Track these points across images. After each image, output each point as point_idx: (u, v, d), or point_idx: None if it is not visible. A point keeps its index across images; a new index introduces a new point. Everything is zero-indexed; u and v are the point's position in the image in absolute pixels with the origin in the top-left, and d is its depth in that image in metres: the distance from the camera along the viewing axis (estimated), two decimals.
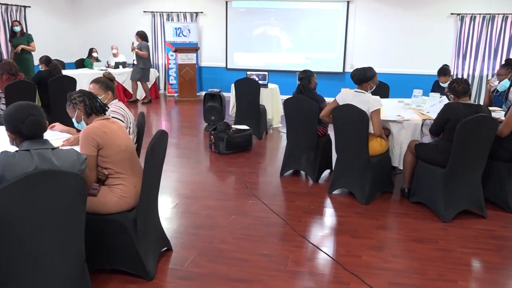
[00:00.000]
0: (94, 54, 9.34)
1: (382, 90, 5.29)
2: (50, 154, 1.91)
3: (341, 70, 9.61)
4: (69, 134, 3.17)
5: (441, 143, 3.51)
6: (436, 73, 5.58)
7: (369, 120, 3.61)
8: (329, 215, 3.62)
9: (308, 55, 9.73)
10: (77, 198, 1.92)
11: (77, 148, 2.32)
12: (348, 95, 3.81)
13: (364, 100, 3.67)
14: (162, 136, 2.53)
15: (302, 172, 4.58)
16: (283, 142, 5.83)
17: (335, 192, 4.04)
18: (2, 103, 5.00)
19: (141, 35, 8.80)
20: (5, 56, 8.25)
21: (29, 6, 9.26)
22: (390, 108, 4.46)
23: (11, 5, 8.82)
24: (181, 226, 3.35)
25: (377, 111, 3.65)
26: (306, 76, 4.35)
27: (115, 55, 9.38)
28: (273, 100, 6.66)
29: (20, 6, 9.05)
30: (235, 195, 4.03)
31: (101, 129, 2.42)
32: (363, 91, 3.77)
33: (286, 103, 4.35)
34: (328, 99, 4.15)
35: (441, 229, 3.32)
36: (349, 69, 9.52)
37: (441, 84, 5.47)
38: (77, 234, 1.98)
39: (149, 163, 2.41)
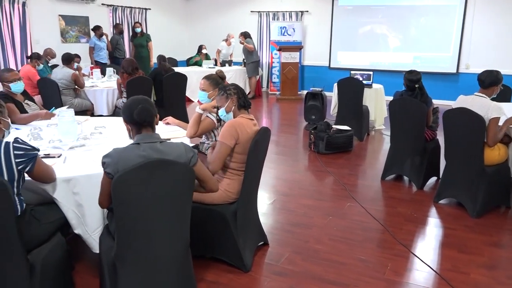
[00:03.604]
0: (204, 51, 9.86)
1: (503, 93, 4.76)
2: (158, 146, 2.03)
3: (454, 71, 8.91)
4: (180, 128, 3.39)
5: None
6: None
7: (485, 127, 3.29)
8: (434, 226, 3.38)
9: (418, 54, 9.19)
10: (185, 187, 2.05)
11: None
12: (466, 100, 3.52)
13: (484, 105, 3.34)
14: (265, 133, 2.59)
15: (405, 178, 4.35)
16: (386, 145, 5.59)
17: (442, 201, 3.76)
18: (124, 97, 5.54)
19: (245, 35, 9.29)
20: (127, 54, 9.13)
21: (150, 9, 10.14)
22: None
23: (135, 7, 9.74)
24: (277, 222, 3.40)
25: (496, 120, 3.30)
26: (420, 78, 4.05)
27: (228, 43, 9.73)
28: (377, 101, 6.41)
29: (142, 8, 9.95)
30: (332, 196, 3.97)
31: (246, 128, 2.55)
32: (484, 95, 3.45)
33: (391, 104, 4.15)
34: (439, 102, 3.87)
35: None
36: (463, 69, 8.79)
37: None
38: (184, 220, 2.12)
39: (252, 159, 2.49)
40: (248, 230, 2.72)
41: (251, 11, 10.72)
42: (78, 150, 2.79)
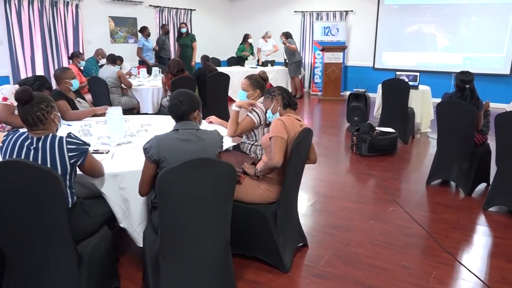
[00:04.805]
0: (250, 40, 9.87)
1: None
2: (195, 132, 2.20)
3: (507, 72, 8.48)
4: (223, 127, 3.42)
5: None
6: None
7: None
8: (482, 234, 3.23)
9: (468, 54, 8.81)
10: (227, 186, 2.08)
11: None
12: None
13: None
14: (307, 134, 2.58)
15: (452, 183, 4.18)
16: (432, 148, 5.41)
17: (492, 209, 3.59)
18: (168, 95, 5.68)
19: (286, 35, 9.27)
20: (172, 55, 9.35)
21: (195, 9, 10.33)
22: None
23: (180, 8, 9.96)
24: (317, 224, 3.36)
25: None
26: (472, 80, 3.88)
27: (265, 39, 9.74)
28: (423, 103, 6.21)
29: (187, 9, 10.16)
30: (375, 199, 3.89)
31: (293, 126, 2.56)
32: None
33: (439, 106, 4.00)
34: (491, 104, 3.70)
35: None
36: None
37: None
38: (225, 219, 2.15)
39: (294, 159, 2.48)
40: (288, 231, 2.72)
41: (295, 11, 10.68)
42: (125, 146, 2.89)
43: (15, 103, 2.12)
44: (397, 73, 6.38)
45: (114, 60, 6.25)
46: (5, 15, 6.56)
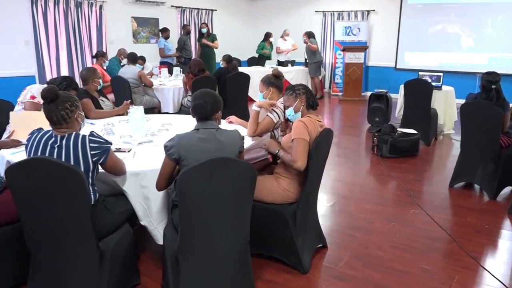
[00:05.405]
0: (271, 39, 9.82)
1: None
2: (215, 132, 2.22)
3: None
4: (242, 127, 3.43)
5: None
6: None
7: None
8: (508, 239, 3.15)
9: (494, 55, 8.59)
10: (247, 186, 2.08)
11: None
12: None
13: None
14: (328, 134, 2.56)
15: (476, 186, 4.09)
16: (455, 150, 5.30)
17: None
18: (189, 95, 5.73)
19: (309, 34, 9.23)
20: (193, 55, 9.42)
21: (216, 10, 10.39)
22: None
23: (201, 9, 10.03)
24: (336, 225, 3.34)
25: None
26: (499, 80, 3.79)
27: (284, 38, 9.71)
28: (446, 104, 6.08)
29: (208, 10, 10.22)
30: (395, 201, 3.83)
31: (314, 127, 2.55)
32: None
33: (464, 107, 3.91)
34: None
35: None
36: None
37: None
38: (244, 218, 2.15)
39: (314, 160, 2.47)
40: (307, 231, 2.70)
41: (316, 11, 10.62)
42: (146, 145, 2.92)
43: (42, 102, 2.18)
44: (420, 73, 6.27)
45: (135, 59, 6.31)
46: (31, 16, 6.73)
